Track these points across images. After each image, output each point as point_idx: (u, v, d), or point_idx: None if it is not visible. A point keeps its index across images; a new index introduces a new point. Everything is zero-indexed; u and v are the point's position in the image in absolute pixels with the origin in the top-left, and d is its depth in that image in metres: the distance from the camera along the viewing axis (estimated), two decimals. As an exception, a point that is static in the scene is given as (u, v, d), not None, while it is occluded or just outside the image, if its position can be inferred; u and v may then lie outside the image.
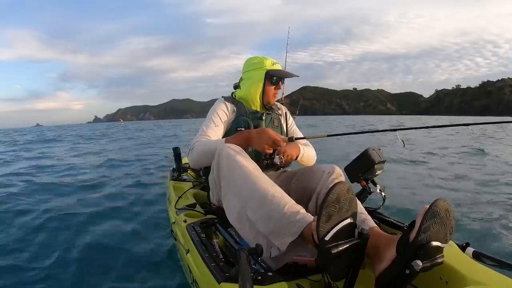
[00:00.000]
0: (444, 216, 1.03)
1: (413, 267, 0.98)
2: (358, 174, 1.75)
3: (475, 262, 1.21)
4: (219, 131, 1.84)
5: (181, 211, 1.91)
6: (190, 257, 1.45)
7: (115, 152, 10.42)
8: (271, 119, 1.98)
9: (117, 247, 2.61)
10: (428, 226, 1.00)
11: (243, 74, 2.00)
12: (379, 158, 1.75)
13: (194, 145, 1.74)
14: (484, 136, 12.19)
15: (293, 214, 1.21)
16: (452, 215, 1.06)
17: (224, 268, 1.17)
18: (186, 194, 2.23)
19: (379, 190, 1.76)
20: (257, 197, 1.30)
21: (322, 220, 1.00)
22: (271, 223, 1.23)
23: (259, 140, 1.59)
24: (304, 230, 1.15)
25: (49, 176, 6.07)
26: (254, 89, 1.93)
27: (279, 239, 1.21)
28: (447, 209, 1.04)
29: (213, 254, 1.32)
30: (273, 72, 1.90)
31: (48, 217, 3.35)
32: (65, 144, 15.63)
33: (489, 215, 3.19)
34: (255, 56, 1.98)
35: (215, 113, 1.88)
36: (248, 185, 1.35)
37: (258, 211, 1.28)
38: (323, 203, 1.01)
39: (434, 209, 1.01)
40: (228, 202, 1.45)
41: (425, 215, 1.00)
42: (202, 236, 1.50)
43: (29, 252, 2.56)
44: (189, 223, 1.66)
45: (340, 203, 1.04)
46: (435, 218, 1.01)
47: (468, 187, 4.48)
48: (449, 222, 1.05)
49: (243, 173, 1.39)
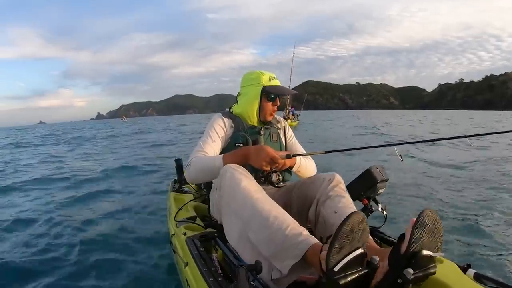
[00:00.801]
0: (433, 226, 1.07)
1: (405, 276, 0.99)
2: (360, 193, 1.74)
3: (476, 284, 1.19)
4: (217, 146, 1.82)
5: (181, 223, 1.90)
6: (188, 270, 1.44)
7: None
8: (269, 133, 1.96)
9: (115, 256, 2.60)
10: (419, 237, 1.04)
11: (241, 89, 1.98)
12: (382, 176, 1.74)
13: (191, 161, 1.72)
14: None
15: (295, 236, 1.18)
16: (440, 225, 1.10)
17: (222, 284, 1.17)
18: (187, 206, 2.22)
19: (380, 208, 1.75)
20: (259, 218, 1.28)
21: (334, 251, 0.98)
22: (273, 246, 1.21)
23: (257, 157, 1.57)
24: (307, 253, 1.13)
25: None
26: (250, 106, 1.90)
27: (280, 261, 1.18)
28: (435, 219, 1.08)
29: (212, 268, 1.32)
30: (269, 89, 1.87)
31: (47, 222, 3.36)
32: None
33: (491, 234, 3.15)
34: (252, 71, 1.95)
35: (213, 129, 1.86)
36: (250, 207, 1.32)
37: (259, 234, 1.26)
38: (337, 234, 0.98)
39: (422, 220, 1.05)
40: (229, 223, 1.42)
41: (415, 225, 1.03)
42: (201, 249, 1.49)
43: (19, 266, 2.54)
44: (188, 236, 1.66)
45: (353, 234, 1.01)
46: (424, 228, 1.05)
47: (467, 201, 4.44)
48: (438, 232, 1.09)
49: (245, 195, 1.36)
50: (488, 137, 11.85)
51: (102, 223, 3.53)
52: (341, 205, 1.47)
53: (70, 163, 9.17)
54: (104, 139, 19.50)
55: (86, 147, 14.53)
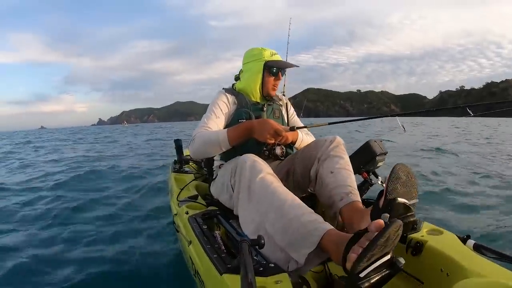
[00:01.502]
0: (406, 178, 1.15)
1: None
2: (360, 166, 1.75)
3: (475, 255, 1.21)
4: (220, 122, 1.82)
5: (183, 203, 1.91)
6: (192, 248, 1.46)
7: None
8: (272, 110, 1.96)
9: (118, 238, 2.63)
10: (393, 188, 1.12)
11: (243, 66, 1.97)
12: (381, 149, 1.75)
13: (195, 136, 1.71)
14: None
15: (310, 223, 1.16)
16: (413, 177, 1.18)
17: (226, 260, 1.18)
18: (188, 186, 2.23)
19: (380, 181, 1.76)
20: (275, 209, 1.26)
21: (364, 260, 0.91)
22: (288, 234, 1.19)
23: (261, 130, 1.57)
24: (321, 240, 1.11)
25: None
26: (253, 81, 1.90)
27: (297, 251, 1.16)
28: (408, 172, 1.16)
29: (215, 245, 1.32)
30: (271, 63, 1.87)
31: (50, 205, 3.38)
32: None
33: (491, 208, 3.19)
34: (254, 48, 1.95)
35: (216, 105, 1.86)
36: (267, 199, 1.31)
37: (275, 224, 1.24)
38: (371, 245, 0.90)
39: (396, 173, 1.13)
40: (247, 215, 1.39)
41: (389, 179, 1.12)
42: (204, 227, 1.50)
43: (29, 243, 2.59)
44: (191, 215, 1.67)
45: (387, 242, 0.93)
46: (398, 181, 1.13)
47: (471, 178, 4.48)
48: (412, 184, 1.17)
49: (262, 186, 1.34)
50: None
51: (103, 204, 3.57)
52: (338, 166, 1.49)
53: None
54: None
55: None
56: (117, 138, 20.55)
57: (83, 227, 2.88)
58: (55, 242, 2.59)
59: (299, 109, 4.00)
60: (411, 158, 6.80)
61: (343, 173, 1.47)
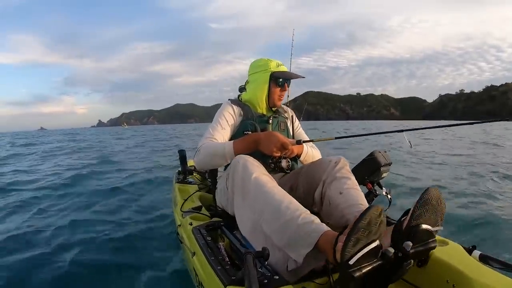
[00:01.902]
0: (436, 203, 1.10)
1: (404, 249, 1.01)
2: (364, 177, 1.75)
3: (481, 265, 1.20)
4: (226, 134, 1.83)
5: (186, 213, 1.91)
6: (196, 260, 1.45)
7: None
8: (277, 122, 1.97)
9: (122, 248, 2.61)
10: (420, 214, 1.07)
11: (249, 77, 1.99)
12: (385, 160, 1.75)
13: (201, 148, 1.72)
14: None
15: (307, 225, 1.19)
16: (443, 203, 1.13)
17: (230, 271, 1.17)
18: (192, 197, 2.23)
19: (385, 192, 1.76)
20: (272, 209, 1.28)
21: (350, 245, 0.97)
22: (286, 235, 1.21)
23: (267, 143, 1.58)
24: (319, 241, 1.13)
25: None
26: (259, 92, 1.91)
27: (295, 251, 1.19)
28: (439, 198, 1.11)
29: (219, 257, 1.32)
30: (278, 74, 1.88)
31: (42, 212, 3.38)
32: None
33: (496, 217, 3.16)
34: (260, 59, 1.96)
35: (222, 116, 1.87)
36: (262, 198, 1.33)
37: (272, 224, 1.26)
38: (354, 228, 0.98)
39: (426, 197, 1.08)
40: (242, 215, 1.42)
41: (417, 202, 1.07)
42: (208, 239, 1.50)
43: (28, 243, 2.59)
44: (195, 226, 1.67)
45: (370, 227, 1.01)
46: (427, 205, 1.08)
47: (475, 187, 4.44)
48: (440, 209, 1.12)
49: (257, 184, 1.36)
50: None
51: (107, 214, 3.56)
52: (346, 186, 1.48)
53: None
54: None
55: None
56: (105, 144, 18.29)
57: (84, 237, 2.87)
58: (57, 254, 2.59)
59: (299, 112, 4.01)
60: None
61: (352, 192, 1.46)
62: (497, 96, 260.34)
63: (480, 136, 16.47)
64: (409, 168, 6.27)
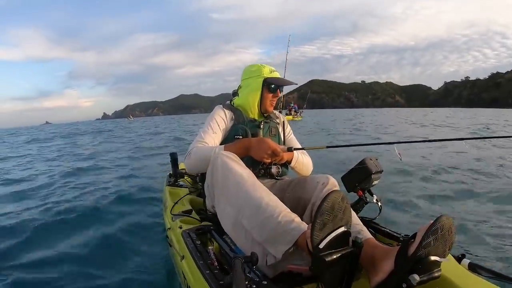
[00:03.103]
0: (446, 233, 1.03)
1: (410, 281, 0.98)
2: (355, 184, 1.74)
3: (471, 274, 1.21)
4: (217, 138, 1.84)
5: (176, 217, 1.90)
6: (184, 263, 1.45)
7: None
8: (269, 127, 1.98)
9: (110, 251, 2.59)
10: (429, 242, 1.00)
11: (242, 82, 2.00)
12: (376, 168, 1.75)
13: (191, 151, 1.73)
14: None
15: (287, 223, 1.20)
16: (453, 232, 1.06)
17: (218, 276, 1.17)
18: (182, 200, 2.22)
19: (375, 200, 1.75)
20: (252, 205, 1.30)
21: (316, 228, 1.01)
22: (266, 231, 1.23)
23: (258, 149, 1.59)
24: (299, 239, 1.15)
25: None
26: (252, 97, 1.92)
27: (274, 247, 1.20)
28: (450, 227, 1.04)
29: (208, 261, 1.32)
30: (270, 80, 1.90)
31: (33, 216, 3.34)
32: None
33: (485, 225, 3.18)
34: (253, 64, 1.98)
35: (214, 120, 1.88)
36: (242, 193, 1.34)
37: (252, 220, 1.28)
38: (318, 211, 1.02)
39: (437, 226, 1.01)
40: (223, 210, 1.44)
41: (428, 230, 1.00)
42: (197, 243, 1.49)
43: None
44: (184, 230, 1.66)
45: (334, 211, 1.04)
46: (437, 234, 1.01)
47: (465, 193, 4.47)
48: (450, 239, 1.05)
49: (237, 180, 1.38)
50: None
51: (95, 216, 3.51)
52: None
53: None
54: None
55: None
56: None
57: (70, 242, 2.83)
58: (43, 258, 2.55)
59: (303, 100, 4.01)
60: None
61: None
62: (502, 83, 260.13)
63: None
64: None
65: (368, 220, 1.75)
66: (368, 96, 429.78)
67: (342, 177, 1.79)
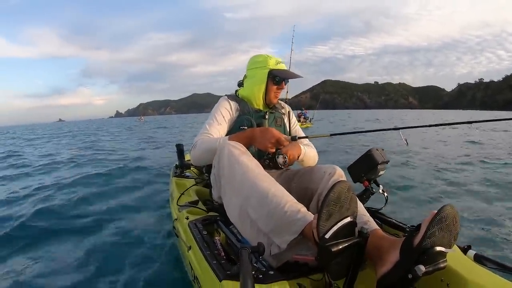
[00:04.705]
0: (451, 223, 1.03)
1: (415, 272, 0.98)
2: (361, 174, 1.74)
3: (476, 265, 1.21)
4: (222, 129, 1.84)
5: (183, 208, 1.92)
6: (191, 254, 1.46)
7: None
8: (274, 118, 1.98)
9: (118, 242, 2.61)
10: (434, 232, 1.00)
11: (247, 72, 1.99)
12: (382, 158, 1.74)
13: (197, 143, 1.74)
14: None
15: (294, 213, 1.21)
16: (458, 222, 1.06)
17: (225, 266, 1.18)
18: (189, 191, 2.23)
19: (381, 190, 1.75)
20: (258, 195, 1.30)
21: (323, 218, 1.01)
22: (272, 221, 1.23)
23: (262, 138, 1.59)
24: (305, 229, 1.15)
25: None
26: (256, 88, 1.92)
27: (279, 237, 1.21)
28: (454, 216, 1.04)
29: (215, 251, 1.33)
30: (276, 72, 1.88)
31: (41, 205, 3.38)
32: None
33: (492, 217, 3.17)
34: (259, 54, 1.97)
35: (219, 111, 1.88)
36: (248, 183, 1.35)
37: (258, 210, 1.29)
38: (324, 201, 1.02)
39: (441, 215, 1.01)
40: (229, 201, 1.45)
41: (432, 220, 1.00)
42: (204, 233, 1.50)
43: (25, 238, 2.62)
44: (191, 220, 1.67)
45: (340, 202, 1.04)
46: (442, 224, 1.01)
47: (472, 188, 4.44)
48: (455, 229, 1.05)
49: (243, 171, 1.38)
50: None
51: (102, 209, 3.55)
52: None
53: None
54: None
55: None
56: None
57: (78, 232, 2.87)
58: (50, 250, 2.59)
59: (316, 101, 4.00)
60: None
61: None
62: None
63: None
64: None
65: (374, 211, 1.75)
66: (381, 97, 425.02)
67: (348, 167, 1.79)
